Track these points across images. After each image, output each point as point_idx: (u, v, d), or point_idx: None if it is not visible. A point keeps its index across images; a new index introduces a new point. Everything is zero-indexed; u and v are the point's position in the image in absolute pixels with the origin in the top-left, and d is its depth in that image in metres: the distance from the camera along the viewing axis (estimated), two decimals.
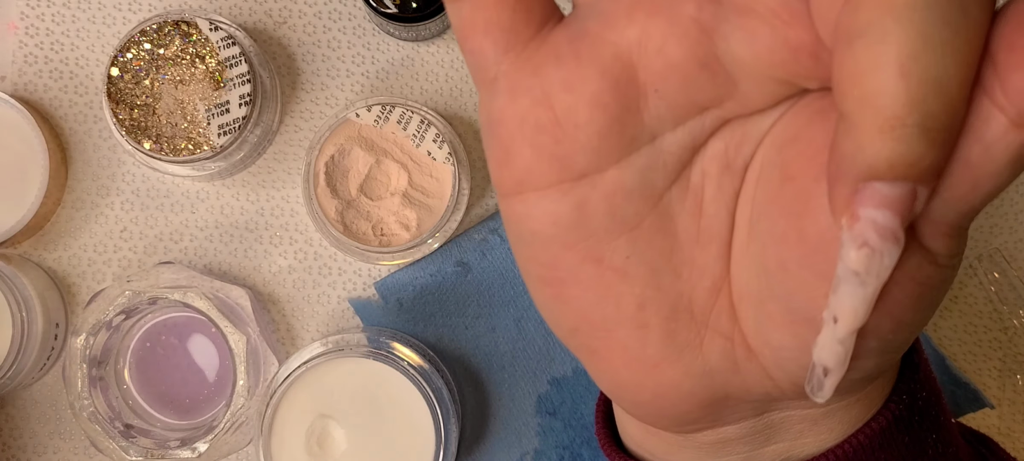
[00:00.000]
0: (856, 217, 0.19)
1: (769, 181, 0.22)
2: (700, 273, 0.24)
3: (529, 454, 0.55)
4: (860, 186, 0.19)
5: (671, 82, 0.22)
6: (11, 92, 0.53)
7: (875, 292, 0.20)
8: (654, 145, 0.23)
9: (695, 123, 0.22)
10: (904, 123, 0.18)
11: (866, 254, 0.19)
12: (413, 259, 0.54)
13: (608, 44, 0.22)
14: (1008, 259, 0.55)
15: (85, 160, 0.55)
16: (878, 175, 0.18)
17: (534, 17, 0.22)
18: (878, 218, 0.19)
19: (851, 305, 0.20)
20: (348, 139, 0.51)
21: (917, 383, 0.28)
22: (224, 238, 0.55)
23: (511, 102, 0.22)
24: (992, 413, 0.55)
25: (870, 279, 0.19)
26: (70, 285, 0.55)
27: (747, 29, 0.20)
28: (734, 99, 0.22)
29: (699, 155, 0.23)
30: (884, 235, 0.19)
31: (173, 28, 0.50)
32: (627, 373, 0.25)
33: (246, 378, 0.49)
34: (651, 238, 0.23)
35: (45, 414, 0.55)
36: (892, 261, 0.19)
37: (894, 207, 0.19)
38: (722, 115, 0.22)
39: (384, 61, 0.55)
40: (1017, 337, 0.55)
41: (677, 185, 0.23)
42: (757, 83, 0.21)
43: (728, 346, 0.24)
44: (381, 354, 0.49)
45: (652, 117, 0.22)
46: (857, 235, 0.19)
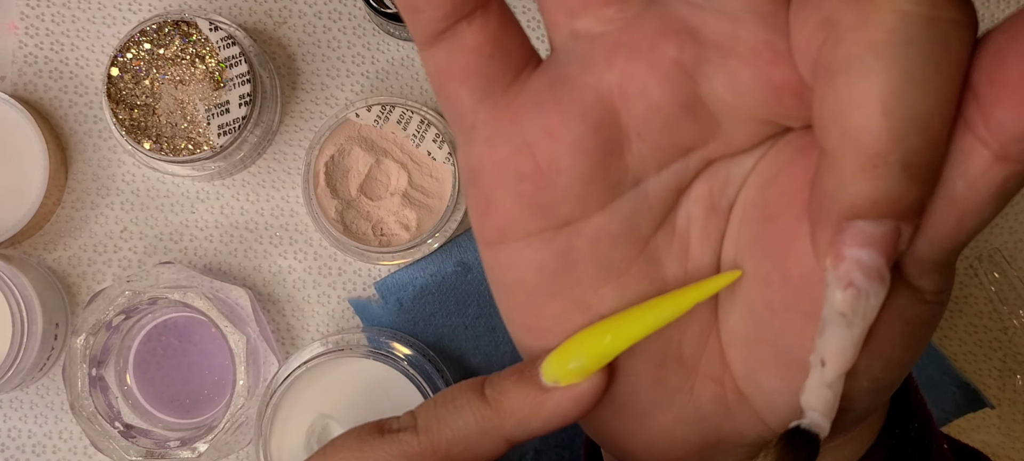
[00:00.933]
0: (841, 257, 0.19)
1: (751, 221, 0.22)
2: (688, 318, 0.23)
3: (529, 454, 0.55)
4: (843, 225, 0.18)
5: (654, 125, 0.21)
6: (11, 92, 0.53)
7: (862, 333, 0.19)
8: (638, 189, 0.22)
9: (679, 165, 0.22)
10: (887, 160, 0.17)
11: (852, 295, 0.19)
12: (413, 259, 0.54)
13: (589, 89, 0.21)
14: (1008, 259, 0.55)
15: (85, 160, 0.55)
16: (861, 213, 0.18)
17: (512, 63, 0.22)
18: (863, 257, 0.18)
19: (838, 347, 0.19)
20: (348, 139, 0.51)
21: (909, 414, 0.28)
22: (224, 238, 0.55)
23: (490, 151, 0.22)
24: (992, 413, 0.55)
25: (857, 320, 0.19)
26: (70, 285, 0.55)
27: (729, 70, 0.20)
28: (717, 140, 0.21)
29: (684, 198, 0.23)
30: (870, 275, 0.18)
31: (173, 28, 0.50)
32: (617, 423, 0.24)
33: (246, 378, 0.49)
34: (638, 284, 0.23)
35: (45, 414, 0.55)
36: (879, 301, 0.19)
37: (878, 246, 0.18)
38: (706, 156, 0.22)
39: (384, 61, 0.55)
40: (1017, 337, 0.55)
41: (663, 229, 0.23)
42: (740, 123, 0.21)
43: (719, 390, 0.23)
44: (381, 354, 0.49)
45: (636, 161, 0.22)
46: (842, 276, 0.19)
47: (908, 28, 0.17)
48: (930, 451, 0.28)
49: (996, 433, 0.55)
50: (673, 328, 0.23)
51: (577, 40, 0.21)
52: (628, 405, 0.24)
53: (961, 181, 0.18)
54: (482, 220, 0.23)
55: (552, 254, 0.22)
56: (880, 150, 0.17)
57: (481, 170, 0.22)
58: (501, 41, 0.22)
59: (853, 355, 0.20)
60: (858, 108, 0.17)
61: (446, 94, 0.22)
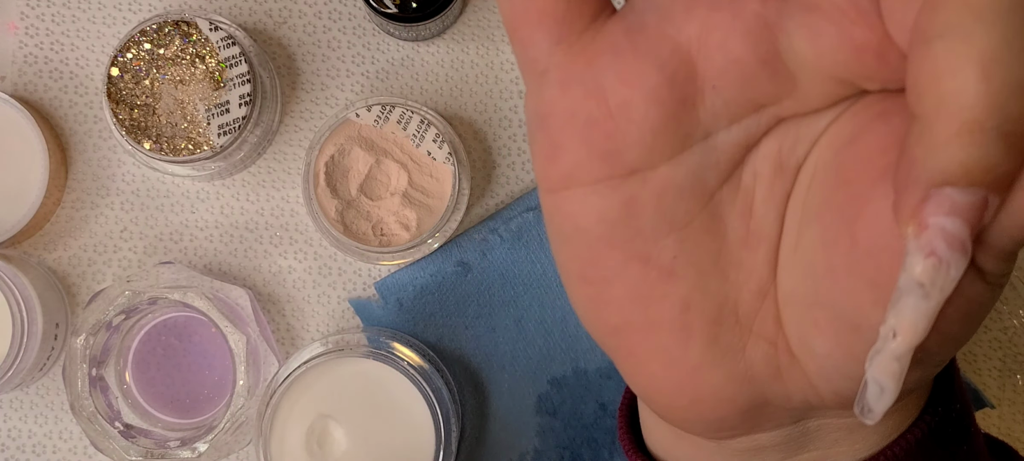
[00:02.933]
0: (925, 225, 0.18)
1: (823, 183, 0.22)
2: (747, 276, 0.23)
3: (529, 454, 0.55)
4: (931, 192, 0.18)
5: (730, 79, 0.21)
6: (11, 92, 0.53)
7: (938, 306, 0.19)
8: (707, 142, 0.22)
9: (750, 121, 0.22)
10: (983, 127, 0.17)
11: (933, 265, 0.18)
12: (413, 259, 0.54)
13: (667, 38, 0.21)
14: None
15: (85, 160, 0.55)
16: (952, 180, 0.18)
17: (588, 8, 0.22)
18: (948, 226, 0.18)
19: (912, 319, 0.19)
20: (348, 139, 0.51)
21: (952, 395, 0.28)
22: (224, 238, 0.55)
23: (562, 94, 0.22)
24: (992, 413, 0.55)
25: (934, 292, 0.19)
26: (70, 285, 0.55)
27: (812, 26, 0.20)
28: (792, 98, 0.21)
29: (752, 154, 0.23)
30: (953, 245, 0.18)
31: (173, 28, 0.50)
32: (666, 377, 0.24)
33: (246, 378, 0.49)
34: (699, 238, 0.23)
35: (45, 414, 0.55)
36: (958, 273, 0.18)
37: (965, 215, 0.18)
38: (778, 113, 0.22)
39: (384, 61, 0.55)
40: (1017, 337, 0.55)
41: (728, 184, 0.23)
42: (818, 82, 0.21)
43: (771, 352, 0.23)
44: (381, 354, 0.49)
45: (708, 113, 0.22)
46: (925, 244, 0.18)
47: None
48: (969, 434, 0.28)
49: (996, 433, 0.55)
50: (730, 285, 0.23)
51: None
52: (680, 360, 0.24)
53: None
54: (548, 165, 0.23)
55: (616, 202, 0.22)
56: (978, 116, 0.17)
57: (552, 114, 0.22)
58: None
59: (926, 328, 0.19)
60: (956, 72, 0.17)
61: (520, 37, 0.22)
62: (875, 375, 0.20)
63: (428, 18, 0.51)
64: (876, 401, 0.20)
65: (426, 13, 0.51)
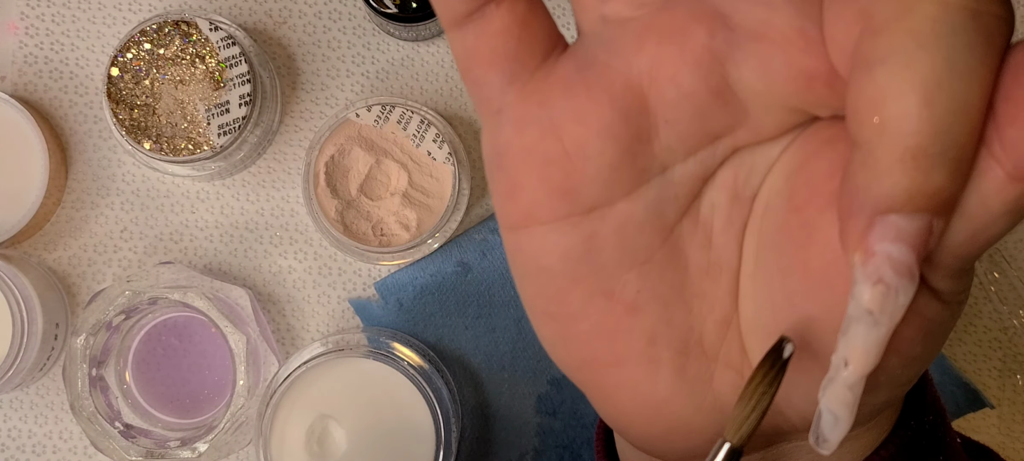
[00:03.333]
0: (871, 253, 0.18)
1: (775, 211, 0.22)
2: (710, 306, 0.23)
3: (529, 454, 0.55)
4: (875, 219, 0.18)
5: (683, 111, 0.21)
6: (11, 92, 0.53)
7: (888, 333, 0.19)
8: (665, 176, 0.22)
9: (706, 153, 0.22)
10: (927, 153, 0.17)
11: (881, 292, 0.18)
12: (413, 259, 0.54)
13: (618, 74, 0.21)
14: (1008, 259, 0.55)
15: (85, 160, 0.55)
16: (896, 207, 0.18)
17: (539, 46, 0.22)
18: (894, 253, 0.18)
19: (863, 347, 0.19)
20: (348, 139, 0.51)
21: (924, 407, 0.27)
22: (224, 238, 0.55)
23: (517, 134, 0.22)
24: (992, 413, 0.55)
25: (884, 319, 0.18)
26: (70, 285, 0.55)
27: (760, 56, 0.20)
28: (745, 127, 0.21)
29: (709, 186, 0.23)
30: (900, 271, 0.18)
31: (173, 28, 0.50)
32: (636, 410, 0.24)
33: (246, 378, 0.49)
34: (662, 272, 0.23)
35: (45, 414, 0.55)
36: (907, 300, 0.18)
37: (911, 241, 0.18)
38: (733, 144, 0.22)
39: (384, 61, 0.55)
40: (1017, 337, 0.55)
41: (687, 217, 0.23)
42: (769, 111, 0.21)
43: (738, 380, 0.23)
44: (381, 354, 0.49)
45: (663, 147, 0.22)
46: (871, 272, 0.18)
47: (952, 17, 0.17)
48: (944, 444, 0.28)
49: (996, 433, 0.55)
50: (695, 316, 0.23)
51: (607, 25, 0.21)
52: (649, 393, 0.24)
53: (974, 197, 0.18)
54: (507, 204, 0.23)
55: (577, 239, 0.22)
56: (921, 142, 0.17)
57: (508, 154, 0.22)
58: (529, 23, 0.22)
59: (877, 355, 0.19)
60: (898, 97, 0.17)
61: (473, 77, 0.22)
62: (828, 404, 0.20)
63: (428, 18, 0.51)
64: (830, 430, 0.20)
65: (426, 13, 0.51)
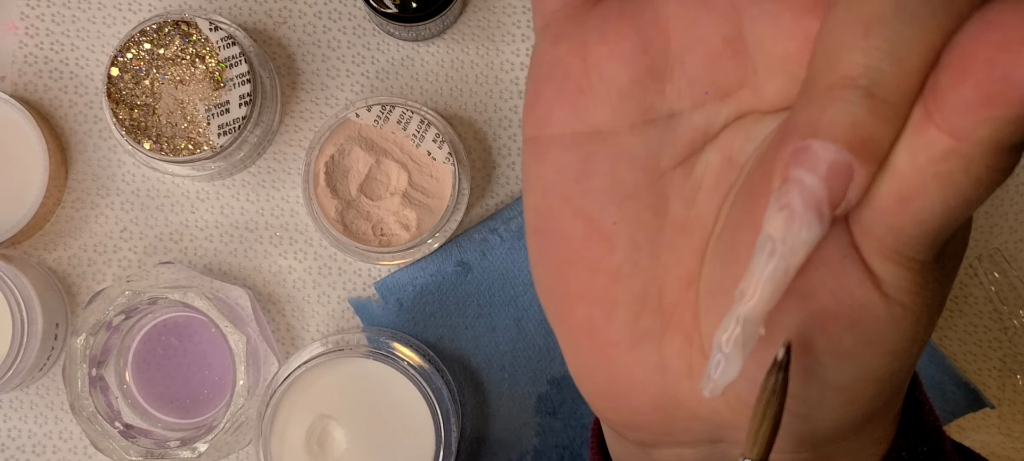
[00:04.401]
0: (787, 178, 0.18)
1: (749, 171, 0.22)
2: (677, 261, 0.24)
3: (529, 454, 0.55)
4: (797, 147, 0.18)
5: (696, 54, 0.22)
6: (11, 92, 0.53)
7: (786, 271, 0.19)
8: (670, 121, 0.23)
9: (712, 109, 0.23)
10: (855, 83, 0.17)
11: (784, 218, 0.18)
12: (413, 259, 0.54)
13: (650, 10, 0.22)
14: (1008, 259, 0.55)
15: (85, 160, 0.55)
16: (816, 133, 0.18)
17: None
18: (805, 180, 0.18)
19: (758, 278, 0.19)
20: (348, 139, 0.51)
21: (918, 436, 0.26)
22: (224, 238, 0.55)
23: (552, 47, 0.23)
24: (992, 413, 0.55)
25: (782, 249, 0.18)
26: (70, 285, 0.55)
27: (773, 13, 0.21)
28: (750, 87, 0.22)
29: (710, 146, 0.23)
30: (808, 202, 0.18)
31: (173, 28, 0.50)
32: (587, 348, 0.25)
33: (246, 378, 0.49)
34: (642, 211, 0.23)
35: (45, 414, 0.55)
36: (811, 237, 0.18)
37: (825, 174, 0.18)
38: (738, 106, 0.22)
39: (384, 61, 0.55)
40: (1017, 337, 0.55)
41: (681, 168, 0.23)
42: (773, 73, 0.21)
43: (686, 346, 0.23)
44: (381, 354, 0.49)
45: (674, 90, 0.22)
46: (780, 196, 0.18)
47: None
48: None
49: (996, 433, 0.55)
50: (660, 266, 0.24)
51: None
52: (600, 332, 0.24)
53: (904, 152, 0.18)
54: (528, 112, 0.24)
55: (574, 158, 0.23)
56: (850, 71, 0.18)
57: (540, 63, 0.24)
58: None
59: (772, 292, 0.19)
60: (842, 27, 0.18)
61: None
62: (718, 339, 0.20)
63: (428, 18, 0.51)
64: (715, 369, 0.20)
65: (426, 13, 0.51)
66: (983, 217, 0.56)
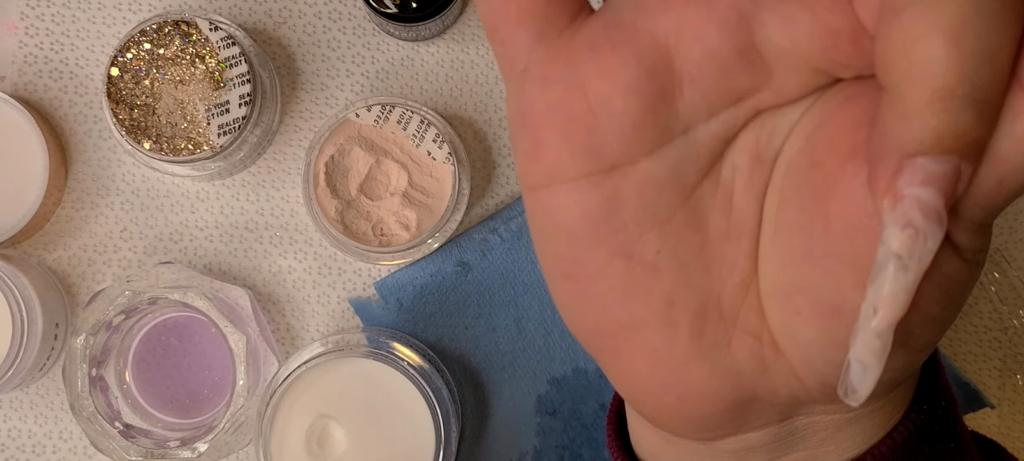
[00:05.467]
0: (900, 196, 0.18)
1: (796, 169, 0.22)
2: (729, 269, 0.23)
3: (529, 454, 0.55)
4: (904, 163, 0.18)
5: (708, 71, 0.21)
6: (11, 92, 0.53)
7: (917, 278, 0.19)
8: (687, 136, 0.22)
9: (729, 114, 0.22)
10: (954, 93, 0.17)
11: (910, 235, 0.18)
12: (413, 259, 0.54)
13: (644, 32, 0.21)
14: (1008, 259, 0.55)
15: (85, 160, 0.55)
16: (925, 149, 0.18)
17: (567, 7, 0.22)
18: (923, 196, 0.18)
19: (892, 292, 0.19)
20: (348, 139, 0.51)
21: (937, 392, 0.27)
22: (224, 238, 0.55)
23: (543, 91, 0.22)
24: (992, 413, 0.55)
25: (912, 264, 0.18)
26: (70, 285, 0.55)
27: (786, 15, 0.20)
28: (769, 88, 0.21)
29: (731, 148, 0.23)
30: (929, 215, 0.18)
31: (173, 28, 0.50)
32: (652, 375, 0.24)
33: (246, 378, 0.49)
34: (682, 233, 0.23)
35: (45, 414, 0.55)
36: (935, 244, 0.18)
37: (940, 185, 0.18)
38: (756, 106, 0.22)
39: (384, 61, 0.55)
40: (1017, 337, 0.55)
41: (709, 178, 0.23)
42: (793, 71, 0.21)
43: (756, 345, 0.23)
44: (381, 354, 0.49)
45: (686, 107, 0.22)
46: (901, 215, 0.18)
47: None
48: (955, 431, 0.28)
49: (996, 433, 0.55)
50: (714, 279, 0.23)
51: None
52: (665, 357, 0.23)
53: (1007, 140, 0.18)
54: (529, 164, 0.23)
55: (598, 198, 0.22)
56: (948, 83, 0.17)
57: (532, 111, 0.22)
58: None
59: (906, 301, 0.19)
60: (925, 39, 0.17)
61: (500, 37, 0.22)
62: (858, 354, 0.20)
63: (428, 18, 0.51)
64: (859, 381, 0.20)
65: (426, 13, 0.51)
66: None
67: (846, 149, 0.21)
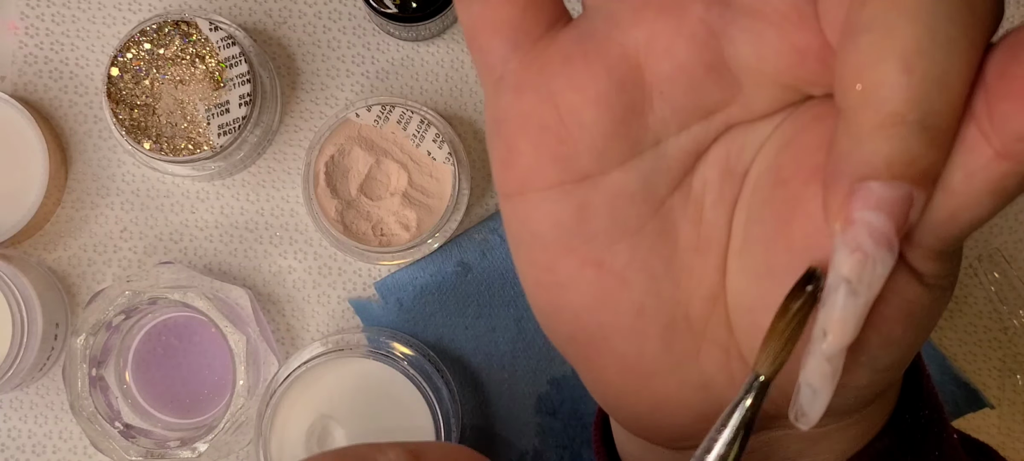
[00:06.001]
0: (851, 220, 0.18)
1: (762, 185, 0.22)
2: (698, 282, 0.23)
3: (529, 454, 0.55)
4: (856, 187, 0.18)
5: (677, 84, 0.21)
6: (11, 92, 0.53)
7: (867, 304, 0.19)
8: (658, 149, 0.22)
9: (699, 128, 0.22)
10: (905, 119, 0.17)
11: (859, 260, 0.18)
12: (413, 259, 0.54)
13: (615, 44, 0.21)
14: (1008, 259, 0.55)
15: (85, 160, 0.55)
16: (875, 174, 0.18)
17: (543, 17, 0.22)
18: (873, 221, 0.18)
19: (841, 317, 0.19)
20: (348, 139, 0.51)
21: (920, 400, 0.27)
22: (224, 238, 0.55)
23: (516, 100, 0.22)
24: (992, 413, 0.55)
25: (862, 288, 0.19)
26: (70, 285, 0.55)
27: (755, 31, 0.20)
28: (738, 104, 0.22)
29: (701, 162, 0.23)
30: (878, 240, 0.18)
31: (173, 28, 0.50)
32: (623, 384, 0.24)
33: (246, 378, 0.49)
34: (652, 244, 0.23)
35: (45, 414, 0.55)
36: (885, 270, 0.18)
37: (890, 210, 0.18)
38: (726, 120, 0.22)
39: (384, 61, 0.55)
40: (1017, 337, 0.55)
41: (679, 191, 0.23)
42: (762, 88, 0.21)
43: (724, 358, 0.23)
44: (381, 354, 0.49)
45: (657, 120, 0.22)
46: (850, 239, 0.18)
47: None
48: (940, 439, 0.28)
49: (996, 433, 0.55)
50: (682, 291, 0.23)
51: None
52: (635, 366, 0.24)
53: (959, 172, 0.18)
54: (503, 171, 0.23)
55: (569, 208, 0.22)
56: (899, 108, 0.17)
57: (506, 120, 0.22)
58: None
59: (856, 326, 0.19)
60: (879, 64, 0.17)
61: (478, 45, 0.23)
62: (807, 377, 0.20)
63: (428, 18, 0.51)
64: (809, 404, 0.20)
65: (426, 13, 0.51)
66: None
67: (810, 168, 0.21)
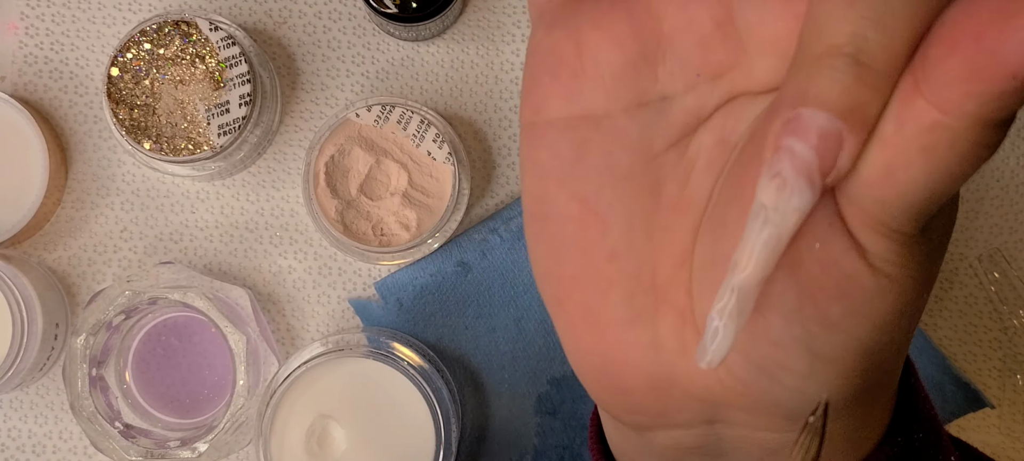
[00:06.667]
0: (778, 146, 0.19)
1: (738, 148, 0.23)
2: (670, 241, 0.24)
3: (529, 454, 0.55)
4: (789, 115, 0.18)
5: (687, 39, 0.22)
6: (11, 92, 0.53)
7: (779, 239, 0.19)
8: (663, 104, 0.23)
9: (704, 91, 0.23)
10: (842, 51, 0.18)
11: (776, 186, 0.18)
12: (413, 259, 0.54)
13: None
14: (1008, 259, 0.55)
15: (85, 160, 0.55)
16: (806, 102, 0.18)
17: None
18: (796, 148, 0.18)
19: (751, 246, 0.19)
20: (348, 139, 0.51)
21: (916, 422, 0.27)
22: (224, 238, 0.55)
23: (547, 35, 0.24)
24: (992, 413, 0.55)
25: (775, 217, 0.19)
26: (70, 285, 0.55)
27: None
28: (742, 68, 0.22)
29: (703, 127, 0.23)
30: (799, 169, 0.18)
31: (173, 28, 0.50)
32: (583, 329, 0.25)
33: (246, 378, 0.49)
34: (636, 193, 0.24)
35: (45, 414, 0.55)
36: (802, 203, 0.18)
37: (815, 142, 0.18)
38: (730, 88, 0.23)
39: (384, 61, 0.55)
40: (1017, 337, 0.55)
41: (674, 149, 0.24)
42: (764, 55, 0.22)
43: (679, 323, 0.24)
44: (381, 354, 0.49)
45: (666, 73, 0.23)
46: (772, 165, 0.19)
47: None
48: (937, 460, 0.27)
49: (996, 433, 0.55)
50: (654, 246, 0.24)
51: None
52: (597, 313, 0.24)
53: (892, 123, 0.18)
54: (525, 99, 0.24)
55: (570, 143, 0.24)
56: (837, 40, 0.18)
57: (535, 51, 0.24)
58: None
59: (766, 260, 0.19)
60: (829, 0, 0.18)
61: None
62: (715, 310, 0.20)
63: (428, 18, 0.51)
64: (711, 340, 0.20)
65: (426, 13, 0.51)
66: (983, 217, 0.56)
67: None
